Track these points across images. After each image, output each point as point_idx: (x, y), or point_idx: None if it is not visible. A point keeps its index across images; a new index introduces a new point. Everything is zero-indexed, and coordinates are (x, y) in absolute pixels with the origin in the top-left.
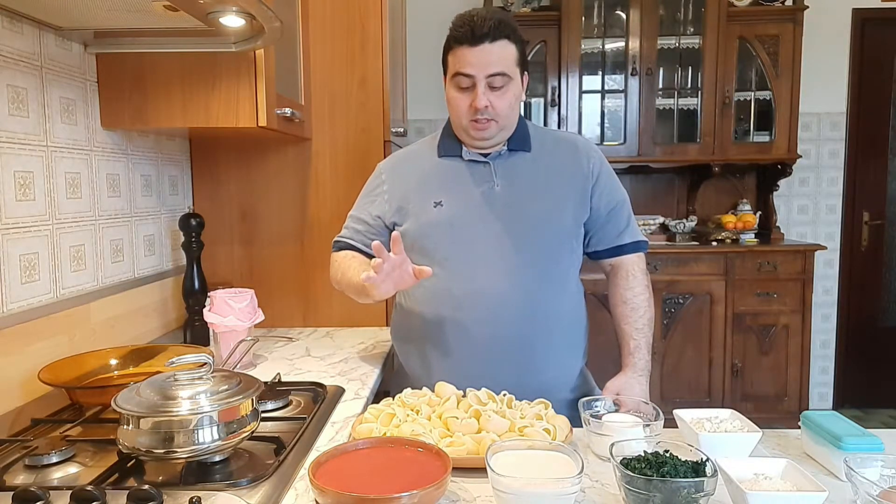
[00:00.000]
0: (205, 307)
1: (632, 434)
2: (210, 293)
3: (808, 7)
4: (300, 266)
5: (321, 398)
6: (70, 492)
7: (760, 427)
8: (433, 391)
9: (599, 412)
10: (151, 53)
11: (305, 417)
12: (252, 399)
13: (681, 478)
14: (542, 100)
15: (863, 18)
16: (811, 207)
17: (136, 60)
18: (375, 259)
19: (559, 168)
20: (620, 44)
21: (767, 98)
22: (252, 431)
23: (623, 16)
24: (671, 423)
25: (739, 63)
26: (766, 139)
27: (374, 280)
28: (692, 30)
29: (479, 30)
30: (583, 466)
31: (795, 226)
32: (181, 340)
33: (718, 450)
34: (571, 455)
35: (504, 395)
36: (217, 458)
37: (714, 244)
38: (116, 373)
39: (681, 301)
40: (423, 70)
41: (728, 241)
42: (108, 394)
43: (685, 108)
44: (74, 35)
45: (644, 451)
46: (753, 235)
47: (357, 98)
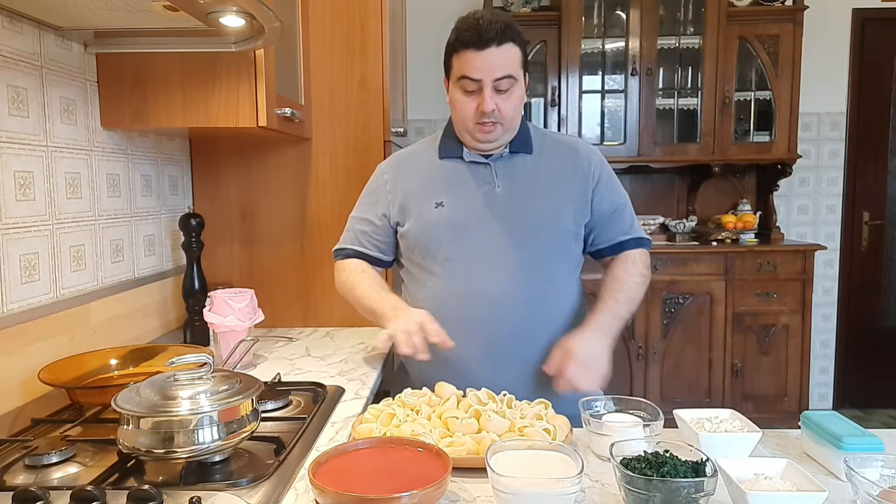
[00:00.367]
0: (205, 307)
1: (632, 434)
2: (210, 293)
3: (808, 7)
4: (300, 266)
5: (321, 398)
6: (70, 492)
7: (760, 427)
8: (433, 391)
9: (599, 412)
10: (151, 53)
11: (305, 417)
12: (252, 399)
13: (681, 478)
14: (542, 100)
15: (863, 18)
16: (811, 207)
17: (136, 60)
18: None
19: (560, 170)
20: (620, 44)
21: (767, 98)
22: (252, 431)
23: (623, 16)
24: (671, 423)
25: (739, 63)
26: (766, 139)
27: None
28: (692, 30)
29: (486, 34)
30: (583, 466)
31: (795, 226)
32: (181, 340)
33: (718, 450)
34: (571, 455)
35: (504, 395)
36: (217, 458)
37: (714, 244)
38: (116, 373)
39: (681, 301)
40: (423, 70)
41: (728, 241)
42: (108, 394)
43: (685, 108)
44: (74, 35)
45: (644, 451)
46: (753, 235)
47: (357, 98)
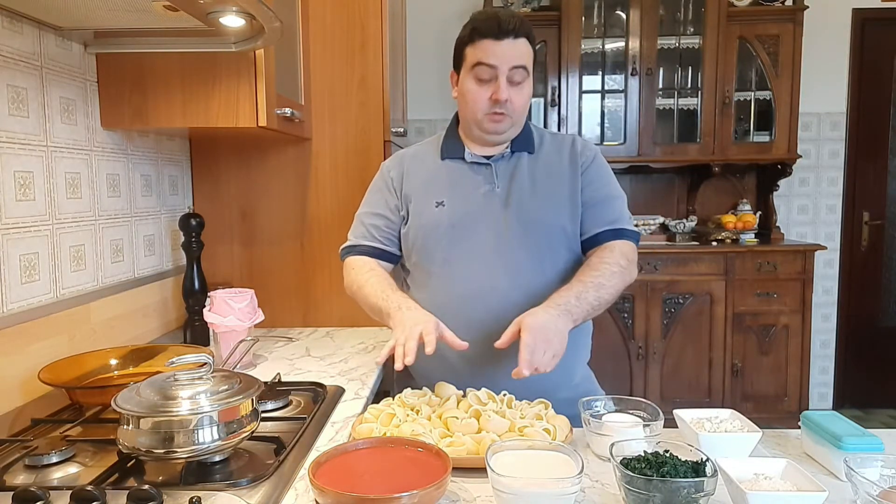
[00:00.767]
0: (205, 307)
1: (632, 434)
2: (210, 293)
3: (808, 7)
4: (300, 266)
5: (321, 398)
6: (70, 492)
7: (760, 427)
8: (434, 391)
9: (599, 412)
10: (151, 53)
11: (305, 417)
12: (252, 399)
13: (681, 478)
14: (542, 100)
15: (863, 18)
16: (811, 207)
17: (136, 60)
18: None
19: (557, 168)
20: (620, 44)
21: (767, 98)
22: (252, 431)
23: (623, 16)
24: (671, 423)
25: (739, 63)
26: (766, 139)
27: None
28: (692, 30)
29: (506, 25)
30: (583, 466)
31: (795, 226)
32: (181, 340)
33: (718, 450)
34: (571, 455)
35: (504, 395)
36: (217, 458)
37: (714, 244)
38: (116, 373)
39: (681, 301)
40: (423, 70)
41: (728, 241)
42: (108, 394)
43: (685, 108)
44: (74, 35)
45: (644, 451)
46: (753, 235)
47: (357, 98)
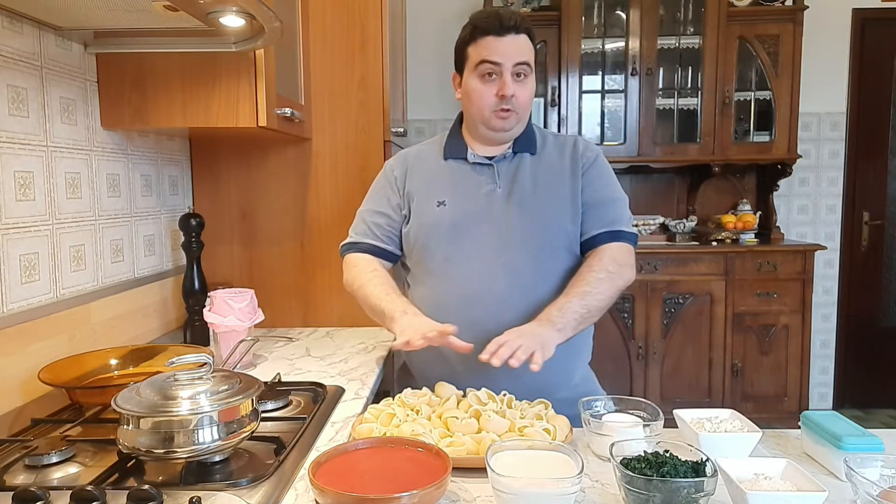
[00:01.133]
0: (205, 307)
1: (632, 434)
2: (210, 293)
3: (808, 7)
4: (300, 266)
5: (321, 398)
6: (70, 492)
7: (760, 427)
8: (433, 391)
9: (599, 412)
10: (151, 53)
11: (305, 417)
12: (252, 399)
13: (681, 478)
14: (542, 100)
15: (863, 18)
16: (811, 207)
17: (136, 60)
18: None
19: (558, 169)
20: (620, 44)
21: (767, 98)
22: (252, 431)
23: (623, 16)
24: (671, 423)
25: (739, 63)
26: (766, 139)
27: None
28: (692, 30)
29: (507, 21)
30: (583, 466)
31: (795, 226)
32: (181, 340)
33: (718, 450)
34: (571, 455)
35: (504, 395)
36: (217, 458)
37: (714, 244)
38: (116, 373)
39: (681, 301)
40: (423, 70)
41: (728, 241)
42: (108, 394)
43: (685, 108)
44: (74, 35)
45: (644, 451)
46: (753, 235)
47: (357, 98)
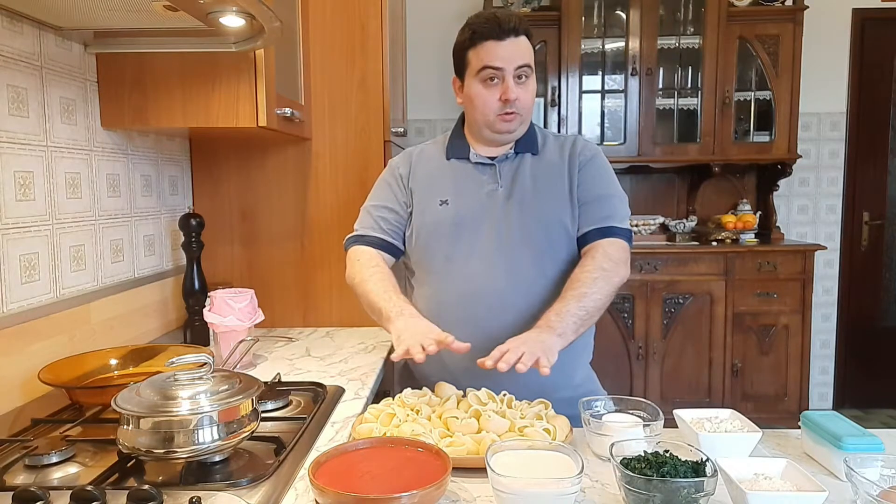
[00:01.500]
0: (205, 307)
1: (632, 434)
2: (210, 293)
3: (808, 7)
4: (300, 266)
5: (321, 398)
6: (70, 492)
7: (760, 427)
8: (434, 390)
9: (599, 412)
10: (151, 53)
11: (305, 417)
12: (252, 399)
13: (681, 478)
14: (542, 100)
15: (863, 18)
16: (811, 207)
17: (136, 60)
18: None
19: (559, 169)
20: (620, 44)
21: (767, 98)
22: (252, 431)
23: (623, 16)
24: (671, 423)
25: (739, 63)
26: (766, 139)
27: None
28: (692, 30)
29: (506, 24)
30: (583, 466)
31: (795, 226)
32: (181, 340)
33: (718, 450)
34: (571, 455)
35: (504, 395)
36: (217, 458)
37: (714, 244)
38: (116, 373)
39: (681, 301)
40: (423, 70)
41: (728, 241)
42: (108, 394)
43: (685, 108)
44: (74, 35)
45: (644, 451)
46: (753, 235)
47: (357, 98)
